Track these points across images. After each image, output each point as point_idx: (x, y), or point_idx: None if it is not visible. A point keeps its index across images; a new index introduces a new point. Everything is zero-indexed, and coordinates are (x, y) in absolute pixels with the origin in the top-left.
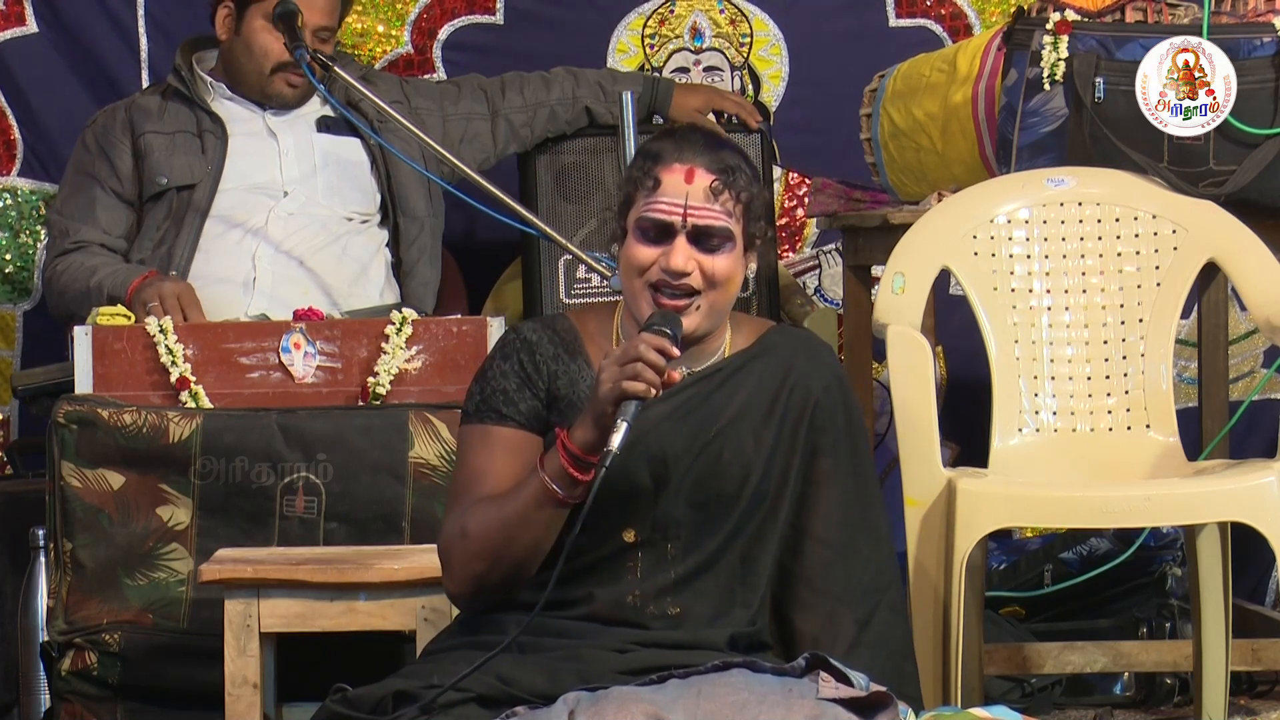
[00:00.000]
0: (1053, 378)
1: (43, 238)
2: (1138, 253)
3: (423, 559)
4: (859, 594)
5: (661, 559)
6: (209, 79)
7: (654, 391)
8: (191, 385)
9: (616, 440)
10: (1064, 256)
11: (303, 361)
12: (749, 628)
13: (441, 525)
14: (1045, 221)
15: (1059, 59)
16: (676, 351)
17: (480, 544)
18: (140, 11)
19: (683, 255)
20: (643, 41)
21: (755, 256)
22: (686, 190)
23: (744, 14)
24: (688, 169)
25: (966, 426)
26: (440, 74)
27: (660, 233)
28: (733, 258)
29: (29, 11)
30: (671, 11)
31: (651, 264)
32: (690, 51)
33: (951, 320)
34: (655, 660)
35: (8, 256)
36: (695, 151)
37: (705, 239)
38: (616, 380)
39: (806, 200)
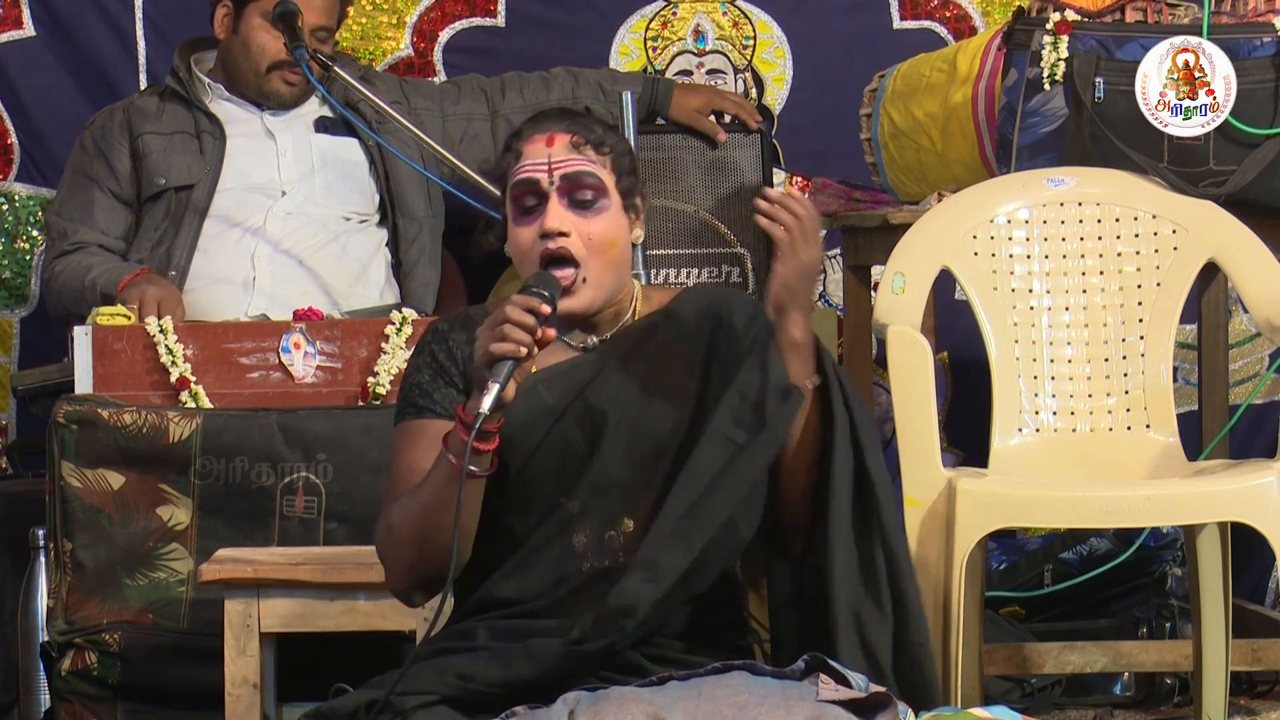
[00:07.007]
0: (1053, 378)
1: (40, 243)
2: (1138, 253)
3: None
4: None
5: (607, 521)
6: (207, 80)
7: (524, 350)
8: (191, 385)
9: (486, 402)
10: (1064, 256)
11: (303, 361)
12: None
13: None
14: (1045, 221)
15: (1059, 59)
16: (547, 309)
17: (405, 534)
18: (138, 14)
19: (556, 215)
20: (645, 44)
21: (639, 223)
22: (549, 152)
23: (747, 16)
24: (547, 136)
25: (971, 435)
26: (441, 77)
27: (533, 196)
28: (610, 217)
29: (26, 15)
30: (674, 14)
31: (534, 242)
32: (693, 54)
33: (956, 328)
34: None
35: (4, 262)
36: (553, 121)
37: (577, 191)
38: (486, 342)
39: None
